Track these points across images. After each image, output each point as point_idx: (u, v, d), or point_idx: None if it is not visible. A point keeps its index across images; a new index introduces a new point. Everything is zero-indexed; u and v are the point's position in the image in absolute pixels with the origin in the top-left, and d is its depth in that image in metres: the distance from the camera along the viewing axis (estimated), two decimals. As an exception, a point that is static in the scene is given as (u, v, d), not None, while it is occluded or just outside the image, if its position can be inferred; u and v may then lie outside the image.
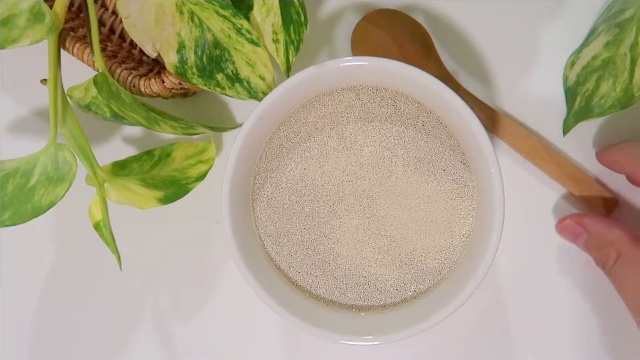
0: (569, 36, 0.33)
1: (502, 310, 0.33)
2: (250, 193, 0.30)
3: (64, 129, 0.28)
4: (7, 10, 0.25)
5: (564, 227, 0.31)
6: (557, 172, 0.32)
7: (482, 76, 0.34)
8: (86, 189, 0.29)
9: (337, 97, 0.30)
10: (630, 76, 0.30)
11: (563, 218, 0.31)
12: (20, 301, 0.35)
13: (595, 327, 0.32)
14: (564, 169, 0.32)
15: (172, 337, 0.34)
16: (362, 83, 0.29)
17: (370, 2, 0.34)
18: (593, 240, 0.30)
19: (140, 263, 0.34)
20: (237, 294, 0.33)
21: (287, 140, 0.30)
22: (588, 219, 0.30)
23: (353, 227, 0.29)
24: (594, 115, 0.31)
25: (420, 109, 0.29)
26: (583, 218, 0.31)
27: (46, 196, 0.28)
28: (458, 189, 0.29)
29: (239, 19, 0.28)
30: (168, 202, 0.30)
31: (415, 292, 0.29)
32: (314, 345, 0.33)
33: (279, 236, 0.30)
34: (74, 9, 0.34)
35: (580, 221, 0.31)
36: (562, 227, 0.31)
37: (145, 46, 0.28)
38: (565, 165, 0.32)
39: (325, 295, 0.29)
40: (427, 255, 0.29)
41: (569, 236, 0.31)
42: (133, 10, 0.27)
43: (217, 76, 0.29)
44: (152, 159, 0.32)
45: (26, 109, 0.35)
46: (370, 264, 0.29)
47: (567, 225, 0.31)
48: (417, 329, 0.27)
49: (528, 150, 0.32)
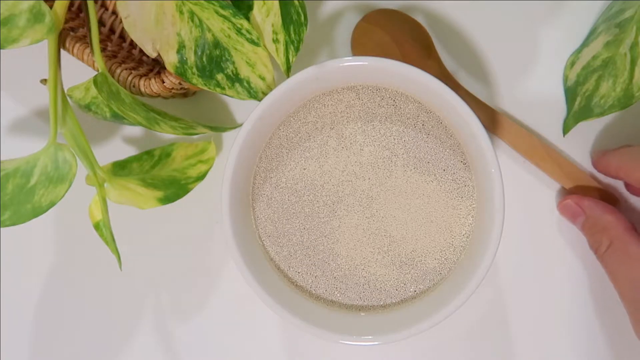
0: (569, 36, 0.33)
1: (502, 310, 0.33)
2: (250, 193, 0.30)
3: (64, 129, 0.28)
4: (7, 10, 0.25)
5: (564, 207, 0.32)
6: (557, 171, 0.32)
7: (482, 76, 0.34)
8: (86, 189, 0.29)
9: (337, 97, 0.30)
10: (630, 76, 0.30)
11: (565, 197, 0.32)
12: (20, 301, 0.35)
13: (596, 327, 0.32)
14: (563, 168, 0.32)
15: (172, 337, 0.34)
16: (362, 83, 0.29)
17: (370, 2, 0.34)
18: (589, 224, 0.30)
19: (140, 263, 0.34)
20: (237, 294, 0.33)
21: (287, 140, 0.30)
22: (588, 201, 0.31)
23: (353, 227, 0.29)
24: (594, 115, 0.31)
25: (420, 108, 0.29)
26: (583, 200, 0.31)
27: (46, 196, 0.28)
28: (458, 189, 0.29)
29: (239, 19, 0.28)
30: (168, 202, 0.30)
31: (415, 292, 0.29)
32: (314, 345, 0.33)
33: (279, 236, 0.30)
34: (74, 9, 0.34)
35: (580, 202, 0.31)
36: (563, 207, 0.32)
37: (145, 46, 0.28)
38: (565, 165, 0.32)
39: (325, 295, 0.29)
40: (427, 255, 0.29)
41: (568, 216, 0.32)
42: (133, 10, 0.27)
43: (217, 76, 0.29)
44: (152, 159, 0.32)
45: (26, 109, 0.35)
46: (370, 264, 0.29)
47: (567, 205, 0.31)
48: (417, 329, 0.27)
49: (528, 149, 0.32)
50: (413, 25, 0.33)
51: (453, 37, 0.34)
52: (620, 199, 0.32)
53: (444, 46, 0.34)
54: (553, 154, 0.32)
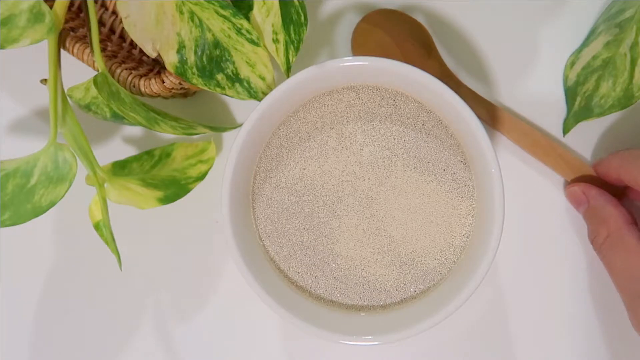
0: (569, 36, 0.33)
1: (502, 310, 0.33)
2: (250, 193, 0.30)
3: (64, 129, 0.28)
4: (7, 10, 0.25)
5: (570, 193, 0.32)
6: (562, 165, 0.32)
7: (482, 76, 0.34)
8: (86, 189, 0.29)
9: (337, 96, 0.30)
10: (630, 76, 0.30)
11: (572, 183, 0.32)
12: (20, 301, 0.35)
13: (596, 327, 0.32)
14: (568, 162, 0.32)
15: (172, 337, 0.34)
16: (362, 83, 0.29)
17: (370, 2, 0.34)
18: (590, 213, 0.30)
19: (140, 263, 0.34)
20: (237, 294, 0.33)
21: (287, 140, 0.30)
22: (594, 191, 0.31)
23: (353, 227, 0.29)
24: (594, 115, 0.31)
25: (421, 108, 0.29)
26: (590, 189, 0.31)
27: (46, 196, 0.28)
28: (458, 189, 0.29)
29: (239, 19, 0.28)
30: (168, 202, 0.30)
31: (415, 292, 0.29)
32: (314, 345, 0.33)
33: (279, 236, 0.30)
34: (74, 9, 0.34)
35: (586, 191, 0.31)
36: (569, 192, 0.32)
37: (145, 46, 0.28)
38: (569, 158, 0.32)
39: (325, 295, 0.29)
40: (427, 255, 0.29)
41: (573, 202, 0.32)
42: (133, 10, 0.27)
43: (217, 76, 0.29)
44: (152, 159, 0.32)
45: (26, 109, 0.35)
46: (370, 264, 0.29)
47: (573, 192, 0.31)
48: (417, 329, 0.27)
49: (531, 145, 0.32)
50: (413, 25, 0.33)
51: (453, 37, 0.34)
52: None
53: (444, 46, 0.34)
54: (558, 149, 0.32)
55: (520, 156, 0.33)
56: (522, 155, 0.33)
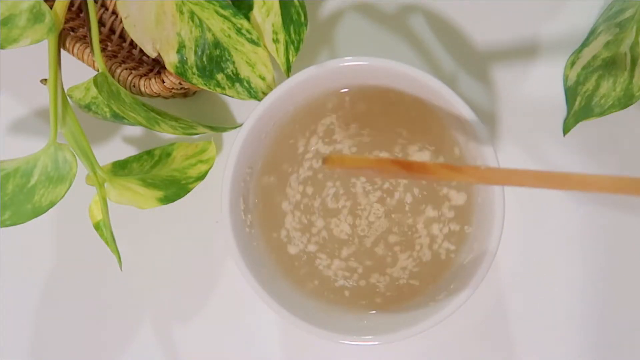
0: (569, 36, 0.33)
1: (502, 310, 0.33)
2: (250, 193, 0.30)
3: (64, 129, 0.28)
4: (7, 10, 0.25)
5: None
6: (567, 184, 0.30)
7: (481, 76, 0.34)
8: (86, 189, 0.29)
9: (337, 97, 0.30)
10: (630, 76, 0.30)
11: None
12: (20, 301, 0.35)
13: (596, 327, 0.32)
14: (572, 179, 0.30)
15: (172, 337, 0.34)
16: (362, 83, 0.29)
17: (370, 2, 0.34)
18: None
19: (140, 263, 0.34)
20: (237, 294, 0.33)
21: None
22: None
23: (353, 228, 0.29)
24: (594, 115, 0.31)
25: (420, 108, 0.29)
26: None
27: (46, 196, 0.28)
28: (457, 187, 0.29)
29: (239, 18, 0.28)
30: (168, 202, 0.30)
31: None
32: (314, 345, 0.33)
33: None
34: (74, 9, 0.34)
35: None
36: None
37: (145, 46, 0.28)
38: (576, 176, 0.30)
39: (326, 295, 0.29)
40: (427, 255, 0.29)
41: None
42: (133, 10, 0.27)
43: (217, 76, 0.29)
44: (152, 158, 0.32)
45: (26, 109, 0.35)
46: (370, 267, 0.29)
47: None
48: (417, 329, 0.27)
49: (534, 182, 0.30)
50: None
51: (453, 37, 0.34)
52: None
53: (444, 46, 0.34)
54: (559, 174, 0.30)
55: (522, 154, 0.33)
56: (522, 153, 0.33)
